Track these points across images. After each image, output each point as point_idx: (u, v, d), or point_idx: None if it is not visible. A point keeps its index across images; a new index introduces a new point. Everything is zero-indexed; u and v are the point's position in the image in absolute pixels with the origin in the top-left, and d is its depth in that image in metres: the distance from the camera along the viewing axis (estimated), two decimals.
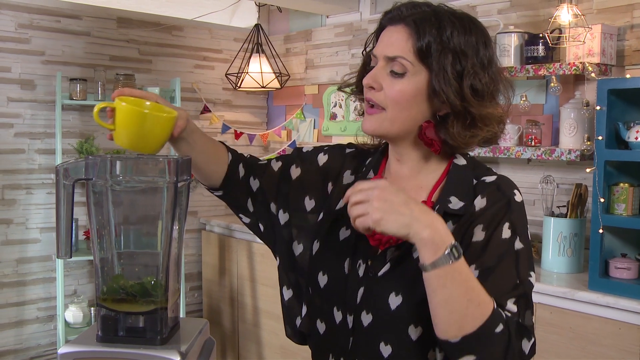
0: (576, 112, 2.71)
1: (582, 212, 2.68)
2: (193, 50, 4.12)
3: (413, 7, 1.15)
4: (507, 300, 1.06)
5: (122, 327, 1.05)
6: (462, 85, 1.11)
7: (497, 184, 1.15)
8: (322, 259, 1.23)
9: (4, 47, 3.38)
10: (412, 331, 1.11)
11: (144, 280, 1.05)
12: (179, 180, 1.04)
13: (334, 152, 1.34)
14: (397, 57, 1.12)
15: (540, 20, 2.98)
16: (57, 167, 1.00)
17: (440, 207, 1.14)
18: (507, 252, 1.09)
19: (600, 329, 2.33)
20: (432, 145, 1.16)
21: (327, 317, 1.20)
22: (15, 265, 3.46)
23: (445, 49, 1.11)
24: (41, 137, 3.50)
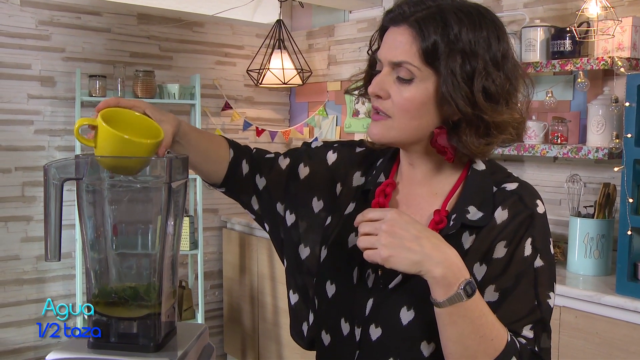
0: (604, 109, 2.61)
1: (610, 213, 2.58)
2: (214, 46, 4.09)
3: (415, 4, 1.04)
4: (524, 327, 1.03)
5: (114, 333, 1.00)
6: (473, 90, 1.02)
7: (518, 193, 1.08)
8: (330, 267, 1.17)
9: (25, 44, 3.38)
10: (425, 347, 1.05)
11: (136, 284, 1.01)
12: (173, 180, 1.00)
13: (343, 151, 1.27)
14: (402, 63, 1.03)
15: (567, 13, 2.87)
16: (45, 166, 0.96)
17: (458, 217, 1.07)
18: (526, 271, 1.04)
19: (627, 335, 2.24)
20: (445, 153, 1.09)
21: (334, 329, 1.14)
22: (35, 262, 3.48)
23: (452, 50, 1.01)
24: (61, 134, 3.51)
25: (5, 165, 3.35)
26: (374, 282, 1.10)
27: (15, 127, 3.38)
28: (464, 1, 1.08)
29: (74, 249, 3.47)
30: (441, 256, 0.95)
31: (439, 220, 1.08)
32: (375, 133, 1.09)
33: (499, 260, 1.04)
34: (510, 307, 1.02)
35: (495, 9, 3.16)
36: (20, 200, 3.40)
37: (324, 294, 1.15)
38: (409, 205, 1.15)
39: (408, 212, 1.11)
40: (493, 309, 1.01)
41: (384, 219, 0.97)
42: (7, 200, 3.37)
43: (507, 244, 1.05)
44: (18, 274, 3.44)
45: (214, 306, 4.19)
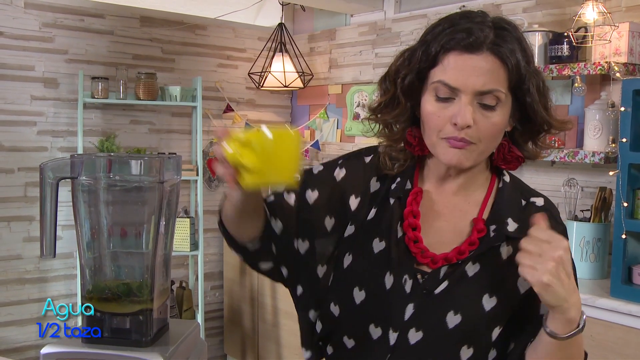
0: (601, 114, 2.63)
1: (607, 217, 2.60)
2: (216, 49, 4.12)
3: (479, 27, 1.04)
4: None
5: (107, 328, 1.03)
6: (546, 101, 1.09)
7: (548, 209, 1.16)
8: (357, 273, 1.15)
9: (28, 46, 3.42)
10: (464, 351, 1.09)
11: (129, 281, 1.03)
12: (165, 179, 1.02)
13: (350, 165, 1.23)
14: (493, 91, 1.04)
15: (566, 18, 2.89)
16: (41, 165, 0.99)
17: (498, 229, 1.11)
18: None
19: (622, 338, 2.25)
20: (515, 161, 1.15)
21: (359, 334, 1.13)
22: (37, 262, 3.51)
23: (528, 72, 1.06)
24: (63, 135, 3.54)
25: (8, 165, 3.39)
26: (412, 287, 1.10)
27: (18, 128, 3.42)
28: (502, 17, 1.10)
29: (75, 248, 3.50)
30: (577, 299, 1.01)
31: (481, 228, 1.12)
32: (458, 160, 1.08)
33: None
34: None
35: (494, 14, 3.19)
36: (23, 201, 3.44)
37: (351, 300, 1.13)
38: (443, 212, 1.16)
39: (441, 220, 1.16)
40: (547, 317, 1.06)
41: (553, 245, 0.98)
42: (10, 201, 3.40)
43: None
44: (20, 273, 3.47)
45: (214, 307, 4.22)
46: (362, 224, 1.17)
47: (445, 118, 1.06)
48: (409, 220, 1.13)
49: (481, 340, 1.10)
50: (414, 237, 1.12)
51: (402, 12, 3.75)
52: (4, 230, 3.41)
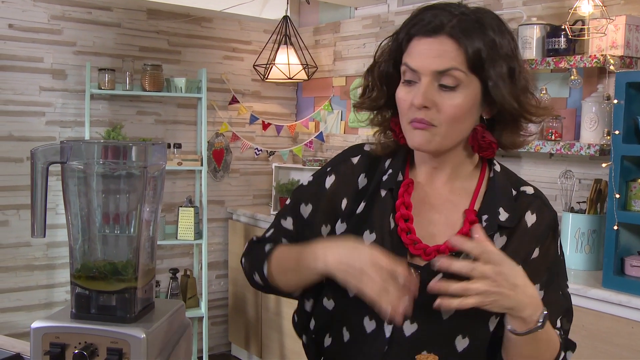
0: (597, 106, 2.66)
1: (602, 209, 2.62)
2: (222, 41, 4.17)
3: (442, 12, 1.08)
4: (558, 318, 1.16)
5: (95, 305, 1.09)
6: (517, 88, 1.09)
7: (539, 197, 1.19)
8: None
9: (37, 38, 3.49)
10: (459, 342, 1.11)
11: (115, 261, 1.09)
12: (149, 164, 1.08)
13: (339, 170, 1.24)
14: (449, 70, 1.06)
15: (565, 11, 2.91)
16: (32, 150, 1.05)
17: (490, 219, 1.13)
18: (555, 267, 1.17)
19: (612, 328, 2.28)
20: (490, 148, 1.15)
21: (355, 326, 1.15)
22: (45, 249, 3.59)
23: (494, 55, 1.07)
24: (71, 126, 3.61)
25: (18, 155, 3.47)
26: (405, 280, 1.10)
27: (27, 118, 3.49)
28: (481, 7, 1.14)
29: None
30: (529, 300, 1.03)
31: (473, 219, 1.13)
32: (420, 142, 1.10)
33: (535, 260, 1.14)
34: (551, 300, 1.14)
35: (494, 7, 3.22)
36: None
37: (344, 294, 1.13)
38: (434, 204, 1.17)
39: (433, 211, 1.17)
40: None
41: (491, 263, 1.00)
42: (19, 189, 3.48)
43: (541, 245, 1.15)
44: (29, 260, 3.56)
45: (219, 295, 4.29)
46: (351, 218, 1.19)
47: (409, 101, 1.09)
48: (401, 212, 1.14)
49: (477, 330, 1.11)
50: (406, 228, 1.13)
51: (405, 4, 3.79)
52: (13, 218, 3.49)
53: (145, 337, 1.03)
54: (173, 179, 3.99)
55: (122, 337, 1.03)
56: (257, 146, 4.28)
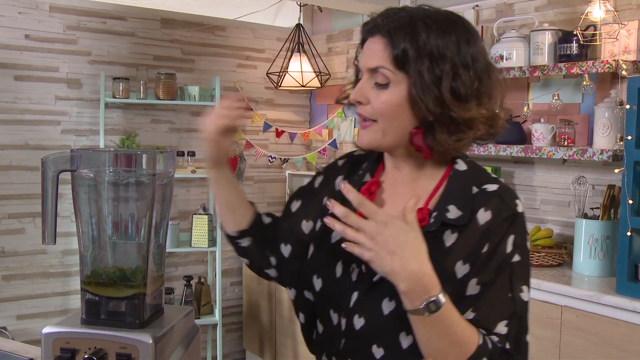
0: (610, 112, 2.64)
1: (615, 214, 2.61)
2: (236, 49, 4.20)
3: (388, 15, 1.14)
4: (499, 322, 1.09)
5: (104, 311, 1.10)
6: (442, 90, 1.09)
7: (499, 194, 1.15)
8: (315, 262, 1.24)
9: (53, 48, 3.54)
10: (403, 339, 1.12)
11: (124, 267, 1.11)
12: (158, 173, 1.09)
13: (328, 171, 1.35)
14: (378, 68, 1.12)
15: (577, 17, 2.90)
16: (43, 158, 1.07)
17: (438, 216, 1.14)
18: (504, 266, 1.11)
19: (626, 335, 2.27)
20: (422, 151, 1.17)
21: (325, 319, 1.22)
22: (61, 257, 3.63)
23: (421, 55, 1.09)
24: (86, 134, 3.66)
25: (33, 163, 3.51)
26: (358, 275, 1.16)
27: (43, 127, 3.54)
28: (437, 9, 1.16)
29: None
30: (407, 274, 1.01)
31: (421, 218, 1.13)
32: (363, 140, 1.17)
33: (483, 255, 1.11)
34: (488, 300, 1.09)
35: (507, 13, 3.21)
36: None
37: (313, 288, 1.23)
38: (393, 204, 1.21)
39: (392, 210, 1.18)
40: (475, 302, 1.09)
41: (373, 219, 1.04)
42: (35, 197, 3.52)
43: (491, 241, 1.11)
44: (45, 267, 3.60)
45: (234, 303, 4.30)
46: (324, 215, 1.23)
47: None
48: (359, 211, 1.16)
49: None
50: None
51: None
52: (29, 225, 3.53)
53: (153, 342, 1.05)
54: (187, 187, 4.02)
55: (131, 343, 1.04)
56: (271, 154, 4.30)
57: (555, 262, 2.77)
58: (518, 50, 2.91)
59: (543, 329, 2.51)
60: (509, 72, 2.89)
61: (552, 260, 2.77)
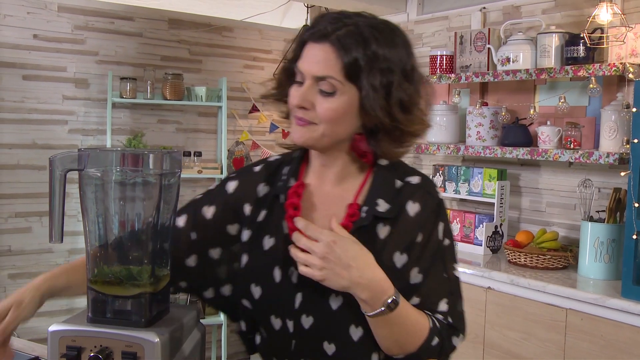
0: (617, 114, 2.64)
1: (622, 218, 2.60)
2: (243, 50, 4.21)
3: (335, 21, 1.13)
4: (440, 301, 1.20)
5: (110, 310, 1.11)
6: (390, 102, 1.14)
7: (423, 186, 1.23)
8: (252, 270, 1.23)
9: (61, 48, 3.56)
10: (353, 331, 1.17)
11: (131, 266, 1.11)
12: (165, 173, 1.10)
13: (241, 176, 1.33)
14: (326, 77, 1.12)
15: (584, 20, 2.90)
16: (51, 158, 1.08)
17: (369, 210, 1.18)
18: (438, 251, 1.21)
19: (632, 338, 2.26)
20: (365, 156, 1.22)
21: (266, 325, 1.23)
22: (67, 256, 3.65)
23: (372, 67, 1.12)
24: (93, 134, 3.67)
25: (41, 162, 3.53)
26: (298, 277, 1.17)
27: (50, 126, 3.56)
28: (378, 18, 1.18)
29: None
30: (366, 282, 1.10)
31: (352, 213, 1.19)
32: (300, 136, 1.18)
33: (419, 244, 1.19)
34: (430, 284, 1.19)
35: (514, 15, 3.21)
36: None
37: (252, 296, 1.22)
38: (323, 203, 1.24)
39: (322, 210, 1.23)
40: (418, 288, 1.18)
41: (321, 241, 1.10)
42: (42, 196, 3.54)
43: (424, 230, 1.20)
44: (51, 266, 3.61)
45: None
46: (253, 225, 1.25)
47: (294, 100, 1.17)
48: (289, 212, 1.20)
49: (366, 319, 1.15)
50: (294, 227, 1.18)
51: (424, 14, 3.79)
52: (36, 224, 3.55)
53: (159, 341, 1.05)
54: (193, 187, 4.04)
55: (137, 341, 1.05)
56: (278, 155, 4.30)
57: (561, 265, 2.77)
58: (525, 52, 2.90)
59: (548, 332, 2.51)
60: (516, 74, 2.89)
61: (558, 263, 2.76)
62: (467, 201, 3.42)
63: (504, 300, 2.67)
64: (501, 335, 2.67)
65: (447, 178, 3.33)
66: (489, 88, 3.36)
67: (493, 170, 3.11)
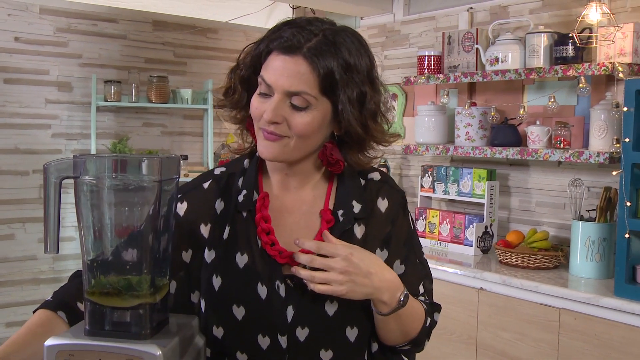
0: (606, 114, 2.65)
1: (612, 217, 2.61)
2: (228, 52, 4.18)
3: (302, 30, 1.09)
4: (420, 284, 1.26)
5: (109, 322, 1.07)
6: (364, 113, 1.13)
7: (386, 182, 1.27)
8: (230, 291, 1.17)
9: (43, 51, 3.50)
10: (350, 332, 1.18)
11: (129, 276, 1.08)
12: (164, 179, 1.06)
13: (191, 197, 1.24)
14: (300, 93, 1.09)
15: (571, 19, 2.91)
16: (45, 165, 1.04)
17: (347, 213, 1.19)
18: (410, 240, 1.27)
19: (625, 337, 2.27)
20: (337, 165, 1.19)
21: (249, 346, 1.16)
22: (51, 263, 3.58)
23: (348, 79, 1.10)
24: (77, 138, 3.62)
25: (24, 167, 3.47)
26: (286, 291, 1.15)
27: (33, 131, 3.50)
28: (339, 25, 1.15)
29: None
30: (386, 285, 1.13)
31: (329, 218, 1.19)
32: (269, 153, 1.14)
33: (392, 238, 1.23)
34: (410, 272, 1.24)
35: (501, 15, 3.21)
36: (38, 202, 3.51)
37: (232, 318, 1.16)
38: (290, 211, 1.21)
39: (292, 217, 1.20)
40: (402, 278, 1.19)
41: (337, 257, 1.09)
42: (25, 202, 3.48)
43: (394, 224, 1.24)
44: (35, 273, 3.55)
45: None
46: (220, 244, 1.19)
47: (262, 111, 1.12)
48: (261, 226, 1.17)
49: (362, 317, 1.18)
50: (269, 240, 1.16)
51: (411, 14, 3.78)
52: (19, 231, 3.48)
53: (161, 353, 1.02)
54: None
55: (138, 354, 1.01)
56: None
57: (552, 265, 2.77)
58: (513, 52, 2.90)
59: (541, 332, 2.51)
60: (505, 74, 2.89)
61: (549, 262, 2.76)
62: (456, 202, 3.41)
63: (496, 301, 2.67)
64: (494, 336, 2.66)
65: (436, 179, 3.32)
66: (477, 88, 3.36)
67: (482, 171, 3.11)
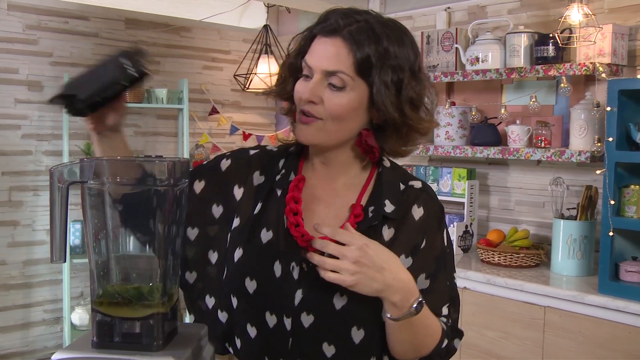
0: (586, 113, 2.68)
1: (593, 215, 2.64)
2: (202, 51, 4.11)
3: (346, 17, 1.12)
4: (444, 306, 1.21)
5: (118, 333, 1.02)
6: (401, 99, 1.14)
7: (426, 191, 1.24)
8: (247, 264, 1.19)
9: (12, 49, 3.38)
10: (355, 334, 1.14)
11: (140, 285, 1.03)
12: (177, 183, 1.02)
13: (237, 156, 1.29)
14: (337, 72, 1.11)
15: (550, 20, 2.94)
16: (51, 170, 0.98)
17: (376, 210, 1.18)
18: (443, 257, 1.22)
19: (610, 334, 2.30)
20: (372, 152, 1.19)
21: (258, 321, 1.17)
22: (22, 267, 3.47)
23: (384, 63, 1.11)
24: (48, 139, 3.51)
25: None
26: (299, 274, 1.15)
27: (2, 131, 3.38)
28: (386, 17, 1.17)
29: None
30: (399, 285, 1.09)
31: (358, 213, 1.18)
32: (305, 135, 1.15)
33: (423, 250, 1.19)
34: (436, 290, 1.20)
35: (480, 15, 3.22)
36: (7, 205, 3.39)
37: (244, 291, 1.18)
38: (322, 200, 1.21)
39: (322, 205, 1.21)
40: (425, 293, 1.15)
41: (352, 246, 1.07)
42: None
43: (427, 235, 1.20)
44: (5, 279, 3.43)
45: None
46: (249, 217, 1.21)
47: (302, 93, 1.14)
48: (290, 206, 1.18)
49: (370, 321, 1.15)
50: (295, 221, 1.16)
51: (387, 13, 3.78)
52: None
53: None
54: None
55: None
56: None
57: (534, 263, 2.79)
58: (494, 52, 2.92)
59: (526, 330, 2.52)
60: (486, 74, 2.90)
61: (531, 261, 2.79)
62: None
63: (480, 300, 2.68)
64: (479, 335, 2.67)
65: None
66: (455, 88, 3.37)
67: (462, 170, 3.12)
